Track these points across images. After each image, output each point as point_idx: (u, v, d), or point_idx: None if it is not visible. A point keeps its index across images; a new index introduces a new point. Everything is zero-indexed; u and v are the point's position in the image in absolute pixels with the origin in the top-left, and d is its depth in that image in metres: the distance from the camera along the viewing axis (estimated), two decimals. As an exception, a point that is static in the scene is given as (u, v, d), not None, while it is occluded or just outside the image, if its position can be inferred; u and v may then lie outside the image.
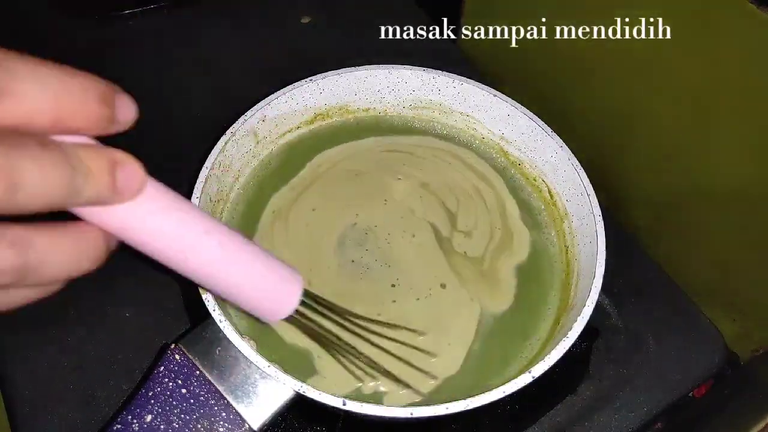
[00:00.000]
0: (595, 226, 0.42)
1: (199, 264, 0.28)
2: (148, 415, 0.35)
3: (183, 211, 0.26)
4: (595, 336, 0.48)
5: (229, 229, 0.28)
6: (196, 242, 0.27)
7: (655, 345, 0.49)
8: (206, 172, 0.43)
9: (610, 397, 0.47)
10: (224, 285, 0.29)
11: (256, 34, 0.69)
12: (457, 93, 0.51)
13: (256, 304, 0.31)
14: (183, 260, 0.28)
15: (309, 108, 0.50)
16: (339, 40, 0.68)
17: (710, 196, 0.52)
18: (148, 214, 0.25)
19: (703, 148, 0.51)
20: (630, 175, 0.59)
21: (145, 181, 0.24)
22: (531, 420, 0.45)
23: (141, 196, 0.24)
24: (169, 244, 0.27)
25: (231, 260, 0.29)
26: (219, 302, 0.37)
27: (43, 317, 0.48)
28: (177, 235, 0.26)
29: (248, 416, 0.35)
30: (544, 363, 0.36)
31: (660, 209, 0.58)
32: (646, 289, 0.52)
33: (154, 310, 0.49)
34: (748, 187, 0.48)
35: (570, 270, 0.45)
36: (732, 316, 0.53)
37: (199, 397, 0.36)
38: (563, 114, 0.51)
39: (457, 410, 0.34)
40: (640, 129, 0.56)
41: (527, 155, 0.50)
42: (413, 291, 0.43)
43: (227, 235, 0.28)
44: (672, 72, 0.50)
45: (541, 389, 0.37)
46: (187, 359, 0.36)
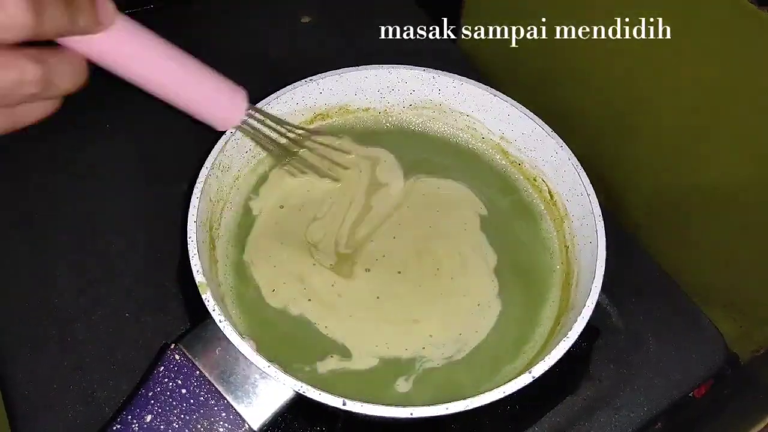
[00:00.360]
0: (595, 226, 0.42)
1: (162, 81, 0.36)
2: (148, 415, 0.35)
3: (149, 38, 0.35)
4: (595, 336, 0.48)
5: (186, 54, 0.37)
6: (160, 64, 0.36)
7: (655, 345, 0.49)
8: (206, 172, 0.43)
9: (610, 397, 0.47)
10: (184, 98, 0.38)
11: (256, 34, 0.69)
12: (457, 93, 0.50)
13: (211, 112, 0.40)
14: (149, 76, 0.36)
15: (309, 108, 0.50)
16: (339, 40, 0.68)
17: (710, 196, 0.52)
18: (120, 41, 0.33)
19: (703, 148, 0.51)
20: (630, 175, 0.59)
21: (115, 13, 0.32)
22: (531, 420, 0.45)
23: (115, 27, 0.32)
24: (139, 65, 0.35)
25: (189, 78, 0.38)
26: (219, 302, 0.37)
27: (43, 317, 0.48)
28: (144, 57, 0.35)
29: (248, 416, 0.35)
30: (544, 363, 0.36)
31: (660, 209, 0.58)
32: (646, 289, 0.52)
33: (154, 310, 0.49)
34: (748, 187, 0.48)
35: (570, 270, 0.45)
36: (732, 316, 0.53)
37: (199, 397, 0.36)
38: (563, 114, 0.51)
39: (457, 410, 0.34)
40: (640, 129, 0.56)
41: (527, 155, 0.50)
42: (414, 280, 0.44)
43: (185, 58, 0.37)
44: (672, 72, 0.50)
45: (541, 389, 0.37)
46: (187, 359, 0.36)
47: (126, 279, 0.50)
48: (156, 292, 0.50)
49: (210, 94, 0.39)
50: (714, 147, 0.50)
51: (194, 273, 0.38)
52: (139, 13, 0.69)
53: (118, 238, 0.53)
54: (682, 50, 0.48)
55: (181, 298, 0.50)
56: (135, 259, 0.51)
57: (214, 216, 0.45)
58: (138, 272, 0.51)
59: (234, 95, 0.41)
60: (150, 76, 0.36)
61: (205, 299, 0.37)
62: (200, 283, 0.38)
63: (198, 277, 0.38)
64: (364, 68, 0.50)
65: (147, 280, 0.50)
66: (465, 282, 0.45)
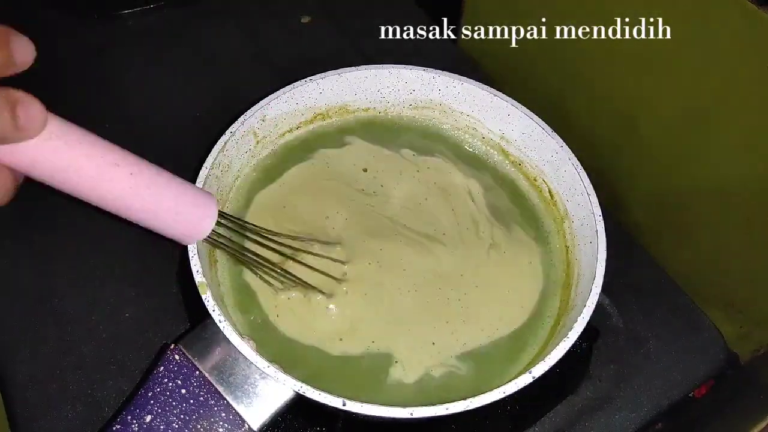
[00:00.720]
0: (596, 226, 0.42)
1: (111, 194, 0.29)
2: (148, 416, 0.35)
3: (90, 144, 0.28)
4: (595, 336, 0.48)
5: (139, 160, 0.30)
6: (106, 173, 0.28)
7: (655, 345, 0.49)
8: (206, 172, 0.43)
9: (611, 397, 0.47)
10: (139, 212, 0.31)
11: (256, 34, 0.69)
12: (457, 93, 0.51)
13: (172, 227, 0.33)
14: (93, 191, 0.29)
15: (309, 108, 0.50)
16: (339, 40, 0.68)
17: (710, 196, 0.52)
18: (54, 150, 0.26)
19: (703, 148, 0.51)
20: (630, 175, 0.59)
21: (46, 118, 0.25)
22: (531, 420, 0.45)
23: (46, 132, 0.26)
24: (79, 176, 0.28)
25: (143, 188, 0.30)
26: (219, 302, 0.37)
27: (43, 317, 0.48)
28: (86, 168, 0.28)
29: (248, 416, 0.35)
30: (544, 363, 0.36)
31: (660, 209, 0.58)
32: (646, 289, 0.52)
33: (154, 310, 0.49)
34: (748, 187, 0.48)
35: (570, 270, 0.45)
36: (732, 316, 0.53)
37: (198, 397, 0.36)
38: (563, 114, 0.51)
39: (457, 410, 0.34)
40: (641, 129, 0.56)
41: (527, 155, 0.50)
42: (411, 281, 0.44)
43: (138, 165, 0.30)
44: (672, 72, 0.50)
45: (541, 389, 0.37)
46: (186, 359, 0.36)
47: (126, 279, 0.50)
48: (156, 292, 0.50)
49: (187, 209, 0.33)
50: (714, 147, 0.50)
51: (194, 273, 0.38)
52: (139, 13, 0.69)
53: (118, 238, 0.53)
54: (682, 50, 0.48)
55: (181, 298, 0.50)
56: (135, 259, 0.51)
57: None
58: (138, 272, 0.51)
59: (201, 206, 0.34)
60: (94, 191, 0.29)
61: (205, 299, 0.37)
62: (200, 283, 0.38)
63: (198, 277, 0.38)
64: (364, 68, 0.50)
65: (147, 280, 0.50)
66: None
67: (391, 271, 0.43)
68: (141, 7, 0.69)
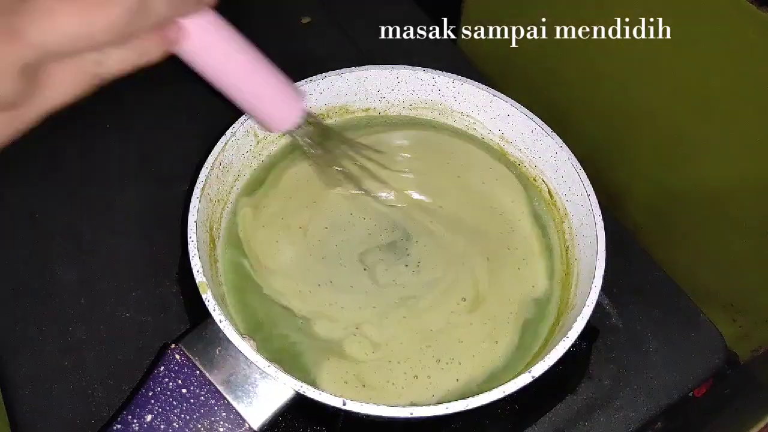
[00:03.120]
0: (595, 226, 0.42)
1: (235, 74, 0.36)
2: (148, 415, 0.35)
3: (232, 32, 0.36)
4: (595, 336, 0.48)
5: (257, 52, 0.37)
6: (236, 55, 0.36)
7: (655, 345, 0.49)
8: (206, 172, 0.43)
9: (610, 397, 0.47)
10: (249, 92, 0.38)
11: (256, 34, 0.69)
12: (457, 93, 0.50)
13: (270, 110, 0.39)
14: (224, 67, 0.36)
15: (309, 108, 0.50)
16: (339, 40, 0.68)
17: (710, 196, 0.52)
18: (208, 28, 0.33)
19: (703, 148, 0.51)
20: (630, 175, 0.59)
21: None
22: (531, 420, 0.45)
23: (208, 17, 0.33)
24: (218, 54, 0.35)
25: (259, 73, 0.37)
26: (219, 302, 0.37)
27: (43, 317, 0.48)
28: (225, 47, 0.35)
29: (248, 416, 0.35)
30: (544, 363, 0.36)
31: (660, 209, 0.58)
32: (646, 289, 0.52)
33: (154, 310, 0.49)
34: (749, 187, 0.48)
35: (570, 270, 0.45)
36: (732, 316, 0.53)
37: (199, 397, 0.36)
38: (563, 114, 0.51)
39: (457, 410, 0.34)
40: (641, 129, 0.56)
41: (527, 155, 0.50)
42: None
43: (255, 51, 0.37)
44: (672, 72, 0.50)
45: (541, 389, 0.37)
46: (187, 359, 0.36)
47: (126, 279, 0.50)
48: (156, 292, 0.50)
49: (274, 93, 0.39)
50: (714, 147, 0.50)
51: (194, 273, 0.38)
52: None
53: (118, 237, 0.53)
54: (682, 50, 0.48)
55: (181, 298, 0.50)
56: (135, 259, 0.51)
57: (214, 216, 0.45)
58: (138, 272, 0.51)
59: (295, 98, 0.40)
60: (225, 67, 0.36)
61: (205, 299, 0.37)
62: (200, 283, 0.38)
63: (198, 277, 0.38)
64: (364, 68, 0.50)
65: (147, 280, 0.50)
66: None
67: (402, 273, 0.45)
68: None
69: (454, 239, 0.46)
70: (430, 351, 0.41)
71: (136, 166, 0.57)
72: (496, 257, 0.46)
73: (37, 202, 0.55)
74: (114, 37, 0.26)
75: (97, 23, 0.25)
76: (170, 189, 0.53)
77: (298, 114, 0.40)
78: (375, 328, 0.42)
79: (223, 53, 0.35)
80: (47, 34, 0.24)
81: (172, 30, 0.31)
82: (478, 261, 0.45)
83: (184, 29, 0.31)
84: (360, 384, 0.40)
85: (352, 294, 0.43)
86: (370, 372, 0.40)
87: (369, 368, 0.40)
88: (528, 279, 0.45)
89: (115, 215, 0.54)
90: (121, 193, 0.56)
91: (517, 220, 0.48)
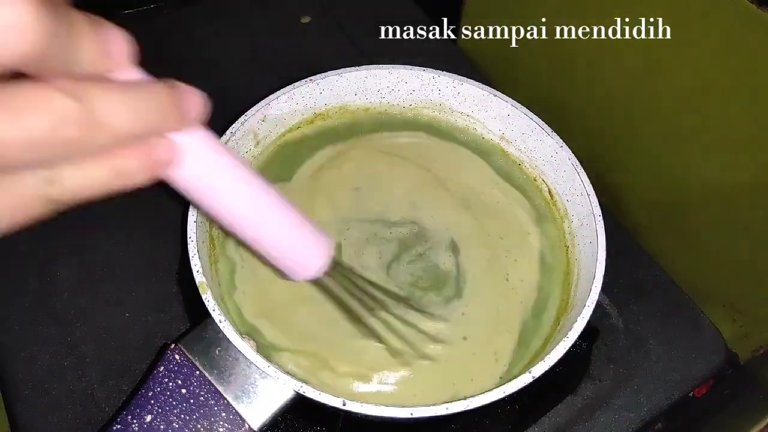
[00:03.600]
0: (595, 226, 0.42)
1: (244, 215, 0.29)
2: (148, 415, 0.35)
3: (236, 158, 0.27)
4: (595, 336, 0.48)
5: (272, 189, 0.30)
6: (238, 189, 0.28)
7: (655, 345, 0.49)
8: (206, 172, 0.43)
9: (610, 397, 0.47)
10: (267, 239, 0.31)
11: (256, 34, 0.69)
12: (457, 93, 0.51)
13: (291, 258, 0.33)
14: (231, 207, 0.29)
15: (309, 108, 0.50)
16: (339, 40, 0.68)
17: (710, 196, 0.52)
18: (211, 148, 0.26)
19: (703, 148, 0.51)
20: (630, 175, 0.59)
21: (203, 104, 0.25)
22: (531, 420, 0.45)
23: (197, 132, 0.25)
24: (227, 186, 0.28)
25: (272, 216, 0.30)
26: (219, 302, 0.37)
27: (43, 317, 0.48)
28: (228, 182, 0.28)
29: (248, 416, 0.35)
30: (544, 363, 0.36)
31: (660, 209, 0.58)
32: (646, 289, 0.52)
33: (154, 310, 0.49)
34: (748, 187, 0.48)
35: (570, 270, 0.45)
36: (732, 316, 0.53)
37: (198, 397, 0.36)
38: (563, 114, 0.51)
39: (457, 410, 0.34)
40: (640, 129, 0.56)
41: (527, 155, 0.50)
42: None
43: (271, 190, 0.30)
44: (672, 72, 0.50)
45: (541, 389, 0.37)
46: (186, 359, 0.36)
47: (126, 279, 0.50)
48: (156, 292, 0.50)
49: (296, 240, 0.32)
50: (714, 147, 0.50)
51: (194, 273, 0.38)
52: (139, 13, 0.69)
53: (118, 237, 0.53)
54: (682, 50, 0.48)
55: (181, 298, 0.50)
56: (135, 259, 0.51)
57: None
58: (138, 272, 0.51)
59: (324, 246, 0.34)
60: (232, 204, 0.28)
61: (205, 299, 0.37)
62: (200, 283, 0.38)
63: (198, 277, 0.38)
64: (364, 68, 0.50)
65: (147, 280, 0.50)
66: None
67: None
68: (141, 7, 0.69)
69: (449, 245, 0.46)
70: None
71: (136, 166, 0.57)
72: (497, 259, 0.46)
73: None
74: (43, 152, 0.20)
75: (10, 131, 0.19)
76: (170, 189, 0.53)
77: (322, 260, 0.34)
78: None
79: (225, 187, 0.28)
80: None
81: (161, 146, 0.24)
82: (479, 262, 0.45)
83: (177, 147, 0.24)
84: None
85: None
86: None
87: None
88: (528, 279, 0.45)
89: (115, 215, 0.54)
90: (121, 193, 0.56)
91: (517, 220, 0.48)
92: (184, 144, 0.25)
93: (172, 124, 0.24)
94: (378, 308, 0.40)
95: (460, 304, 0.43)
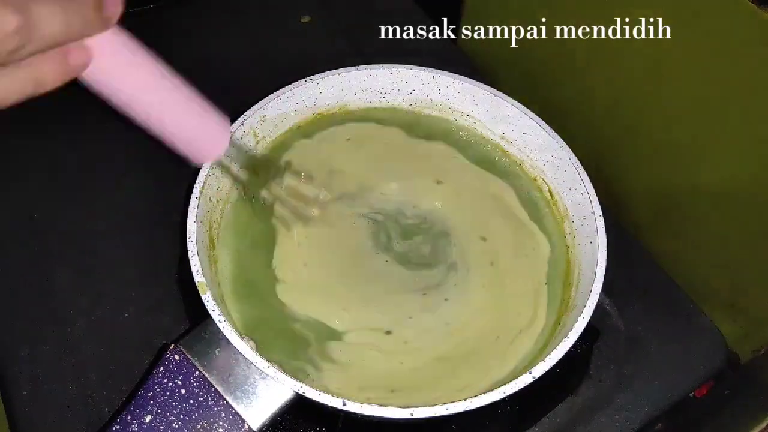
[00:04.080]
0: (596, 226, 0.42)
1: (153, 97, 0.33)
2: (148, 416, 0.35)
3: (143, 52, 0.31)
4: (595, 336, 0.48)
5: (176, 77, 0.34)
6: (154, 80, 0.32)
7: (655, 345, 0.49)
8: (206, 172, 0.43)
9: (611, 397, 0.46)
10: (170, 121, 0.34)
11: (255, 34, 0.69)
12: (457, 93, 0.50)
13: (193, 141, 0.36)
14: (140, 94, 0.32)
15: (309, 108, 0.50)
16: (339, 40, 0.68)
17: (711, 195, 0.52)
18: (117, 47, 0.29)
19: (703, 148, 0.51)
20: (631, 175, 0.59)
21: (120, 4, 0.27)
22: (531, 420, 0.45)
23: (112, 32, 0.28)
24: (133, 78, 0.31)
25: (180, 102, 0.34)
26: (219, 302, 0.37)
27: (43, 317, 0.48)
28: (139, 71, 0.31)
29: (248, 416, 0.35)
30: (544, 363, 0.36)
31: (660, 209, 0.58)
32: (647, 289, 0.52)
33: (154, 310, 0.49)
34: (749, 187, 0.48)
35: (570, 270, 0.45)
36: (732, 316, 0.53)
37: (198, 398, 0.36)
38: (563, 114, 0.51)
39: (457, 410, 0.34)
40: (641, 129, 0.56)
41: (527, 155, 0.50)
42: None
43: (176, 78, 0.34)
44: (672, 72, 0.50)
45: (541, 389, 0.37)
46: (186, 359, 0.36)
47: (126, 279, 0.50)
48: (156, 292, 0.50)
49: (197, 122, 0.35)
50: (714, 147, 0.50)
51: (194, 273, 0.38)
52: (139, 13, 0.69)
53: (118, 237, 0.53)
54: (682, 50, 0.48)
55: (181, 298, 0.50)
56: (135, 259, 0.51)
57: (214, 216, 0.45)
58: (138, 272, 0.51)
59: (225, 127, 0.37)
60: (141, 93, 0.32)
61: (204, 299, 0.37)
62: (200, 283, 0.38)
63: (198, 277, 0.38)
64: (364, 68, 0.50)
65: (147, 280, 0.50)
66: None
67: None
68: (141, 7, 0.69)
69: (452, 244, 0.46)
70: None
71: (135, 165, 0.57)
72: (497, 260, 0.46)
73: (36, 203, 0.55)
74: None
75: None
76: (170, 189, 0.53)
77: (224, 142, 0.37)
78: (391, 324, 0.42)
79: (135, 78, 0.31)
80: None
81: (75, 52, 0.26)
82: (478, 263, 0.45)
83: (89, 51, 0.27)
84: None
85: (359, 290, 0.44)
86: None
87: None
88: (527, 279, 0.45)
89: (115, 215, 0.54)
90: (121, 192, 0.56)
91: (516, 220, 0.48)
92: (97, 46, 0.27)
93: (94, 30, 0.26)
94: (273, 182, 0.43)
95: (450, 306, 0.43)
